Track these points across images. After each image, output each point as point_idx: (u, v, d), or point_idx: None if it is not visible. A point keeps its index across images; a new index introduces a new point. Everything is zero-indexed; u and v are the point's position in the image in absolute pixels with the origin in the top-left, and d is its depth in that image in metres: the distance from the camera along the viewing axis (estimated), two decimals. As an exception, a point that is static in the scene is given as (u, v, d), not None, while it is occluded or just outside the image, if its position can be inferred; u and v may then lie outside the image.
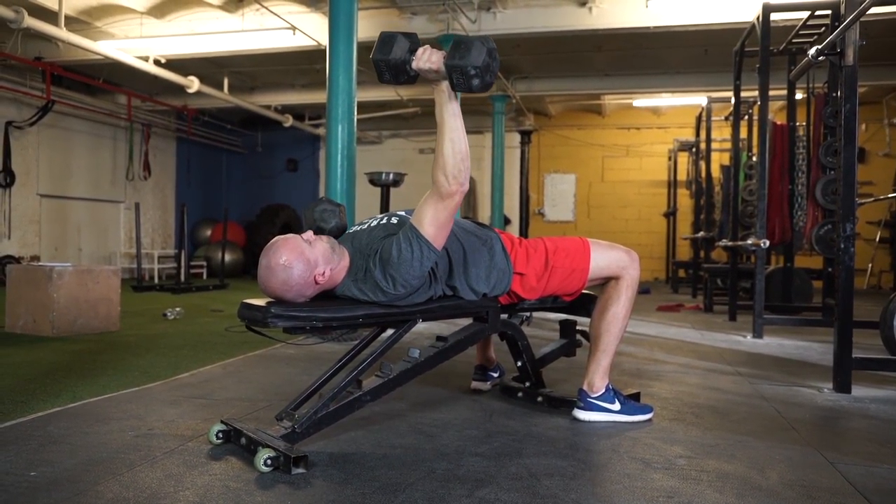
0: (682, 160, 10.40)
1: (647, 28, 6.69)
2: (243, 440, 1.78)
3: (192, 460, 1.73)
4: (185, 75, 8.50)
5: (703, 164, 8.17)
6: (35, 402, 2.31)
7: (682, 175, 10.40)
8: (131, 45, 7.61)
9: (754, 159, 6.37)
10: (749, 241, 4.32)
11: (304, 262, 1.79)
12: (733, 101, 5.32)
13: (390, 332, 2.03)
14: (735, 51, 5.14)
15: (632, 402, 2.22)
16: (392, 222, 1.98)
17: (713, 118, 7.93)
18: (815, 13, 4.43)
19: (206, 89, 8.96)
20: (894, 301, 3.35)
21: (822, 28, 4.61)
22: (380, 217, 2.06)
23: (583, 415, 2.16)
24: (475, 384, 2.58)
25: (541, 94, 10.07)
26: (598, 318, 2.18)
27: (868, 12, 2.45)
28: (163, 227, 11.38)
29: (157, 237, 11.18)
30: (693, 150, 9.22)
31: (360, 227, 2.03)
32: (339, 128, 4.22)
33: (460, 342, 2.05)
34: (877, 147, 10.45)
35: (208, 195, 12.49)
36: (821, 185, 4.61)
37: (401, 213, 2.06)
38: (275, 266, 1.78)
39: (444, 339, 2.03)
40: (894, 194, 9.05)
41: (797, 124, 5.54)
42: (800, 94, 5.74)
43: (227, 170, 13.15)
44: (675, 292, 8.53)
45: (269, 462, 1.63)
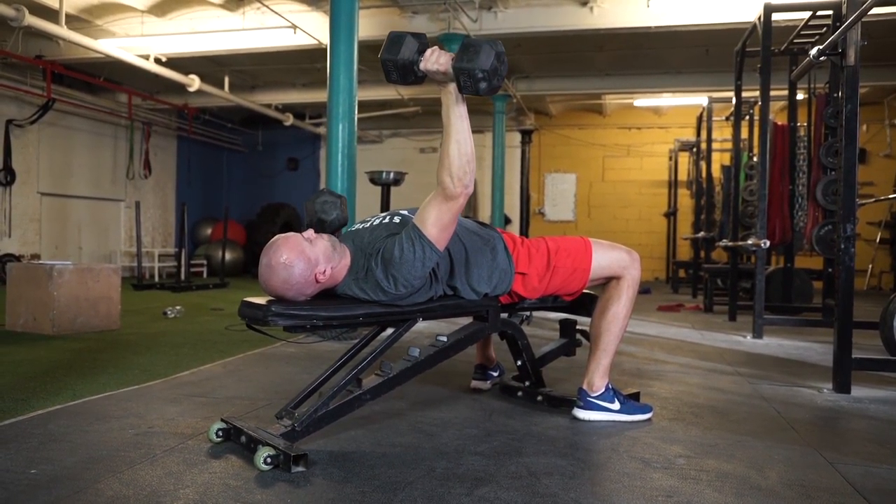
0: (683, 160, 10.40)
1: (649, 28, 6.69)
2: (243, 438, 1.79)
3: (192, 458, 1.73)
4: (186, 74, 8.50)
5: (703, 164, 8.16)
6: (35, 401, 2.31)
7: (682, 175, 10.41)
8: (132, 43, 7.61)
9: (755, 159, 6.37)
10: (749, 242, 4.32)
11: (304, 260, 1.79)
12: (734, 101, 5.32)
13: (390, 331, 2.03)
14: (736, 51, 5.14)
15: (631, 401, 2.23)
16: (395, 222, 1.98)
17: (714, 118, 7.92)
18: (817, 13, 4.43)
19: (207, 88, 8.96)
20: (894, 302, 3.35)
21: (824, 28, 4.61)
22: (382, 216, 2.05)
23: (582, 414, 2.16)
24: (475, 383, 2.58)
25: (542, 94, 10.07)
26: (599, 318, 2.18)
27: (870, 13, 2.45)
28: (163, 225, 11.39)
29: (157, 236, 11.19)
30: (694, 150, 9.21)
31: (362, 226, 2.03)
32: (340, 127, 4.22)
33: (460, 341, 2.05)
34: (878, 148, 10.44)
35: (209, 194, 12.49)
36: (821, 186, 4.61)
37: (403, 212, 2.05)
38: (275, 265, 1.78)
39: (445, 339, 2.04)
40: (895, 195, 9.04)
41: (798, 125, 5.54)
42: (801, 95, 5.74)
43: (227, 168, 13.15)
44: (675, 292, 8.53)
45: (268, 460, 1.63)
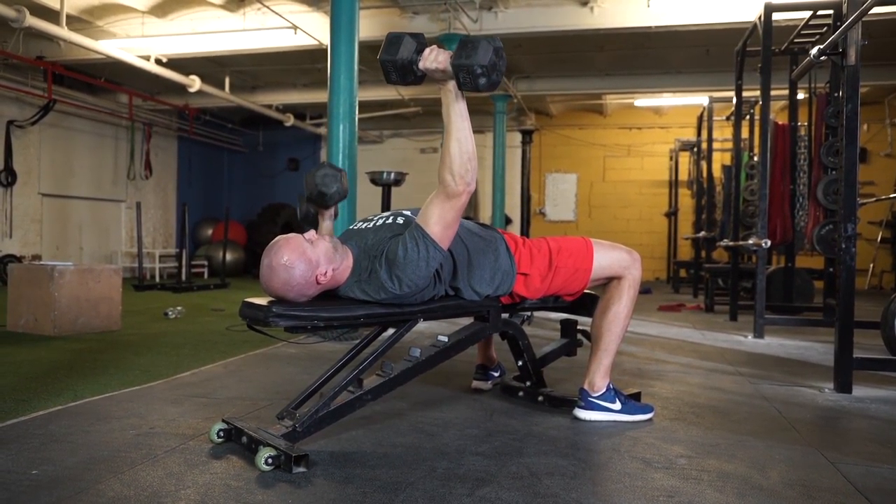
0: (684, 160, 10.40)
1: (649, 28, 6.69)
2: (244, 439, 1.79)
3: (193, 459, 1.73)
4: (187, 74, 8.50)
5: (704, 163, 8.16)
6: (36, 401, 2.31)
7: (683, 175, 10.40)
8: (133, 44, 7.61)
9: (756, 159, 6.37)
10: (750, 241, 4.32)
11: (305, 261, 1.79)
12: (735, 100, 5.32)
13: (391, 331, 2.03)
14: (737, 51, 5.14)
15: (632, 401, 2.22)
16: (398, 222, 1.97)
17: (715, 118, 7.92)
18: (817, 13, 4.43)
19: (208, 88, 8.96)
20: (895, 301, 3.35)
21: (824, 28, 4.61)
22: (385, 216, 2.05)
23: (584, 414, 2.16)
24: (476, 383, 2.58)
25: (542, 94, 10.07)
26: (600, 318, 2.18)
27: (870, 12, 2.45)
28: (164, 226, 11.39)
29: (158, 236, 11.19)
30: (694, 149, 9.21)
31: (365, 226, 2.02)
32: (341, 127, 4.22)
33: (461, 342, 2.05)
34: (878, 147, 10.44)
35: (209, 194, 12.50)
36: (822, 185, 4.61)
37: (406, 212, 2.04)
38: (276, 266, 1.78)
39: (445, 339, 2.03)
40: (895, 195, 9.05)
41: (799, 124, 5.54)
42: (801, 94, 5.74)
43: (228, 169, 13.15)
44: (676, 292, 8.53)
45: (270, 461, 1.63)
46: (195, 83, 8.63)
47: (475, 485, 1.57)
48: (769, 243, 4.22)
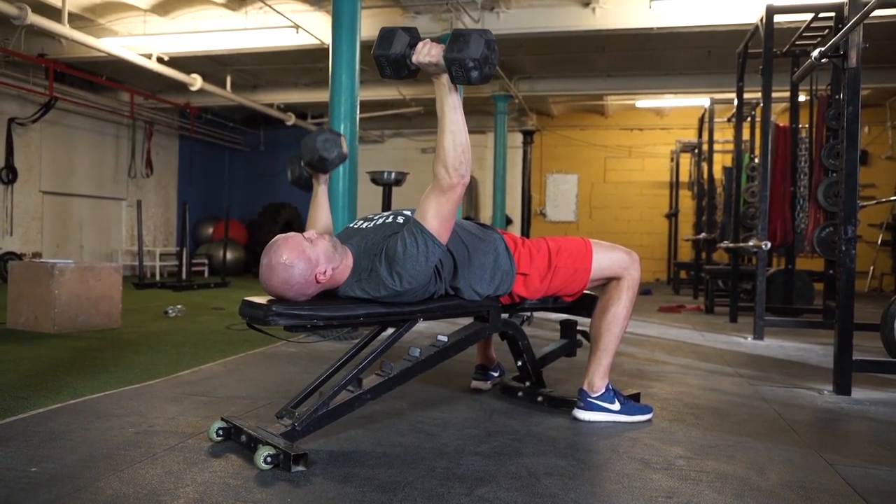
0: (685, 161, 10.40)
1: (651, 29, 6.68)
2: (243, 438, 1.79)
3: (193, 457, 1.73)
4: (188, 73, 8.51)
5: (705, 165, 8.16)
6: (36, 399, 2.32)
7: (684, 176, 10.40)
8: (134, 42, 7.62)
9: (756, 161, 6.36)
10: (751, 243, 4.32)
11: (305, 260, 1.79)
12: (736, 102, 5.32)
13: (391, 331, 2.04)
14: (738, 52, 5.14)
15: (632, 402, 2.23)
16: (398, 221, 1.97)
17: (716, 120, 7.92)
18: (819, 15, 4.43)
19: (209, 87, 8.97)
20: (895, 303, 3.35)
21: (826, 30, 4.61)
22: (385, 215, 2.05)
23: (583, 414, 2.16)
24: (475, 383, 2.58)
25: (543, 95, 10.07)
26: (599, 318, 2.18)
27: (872, 15, 2.45)
28: (165, 224, 11.40)
29: (158, 235, 11.20)
30: (695, 151, 9.21)
31: (366, 225, 2.01)
32: (342, 127, 4.23)
33: (461, 341, 2.05)
34: (879, 150, 10.44)
35: (210, 193, 12.50)
36: (823, 188, 4.61)
37: (406, 212, 2.04)
38: (276, 265, 1.78)
39: (445, 339, 2.04)
40: (896, 197, 9.03)
41: (800, 126, 5.54)
42: (802, 97, 5.74)
43: (229, 168, 13.16)
44: (676, 293, 8.53)
45: (269, 460, 1.63)
46: (197, 82, 8.63)
47: (474, 484, 1.57)
48: (769, 245, 4.22)
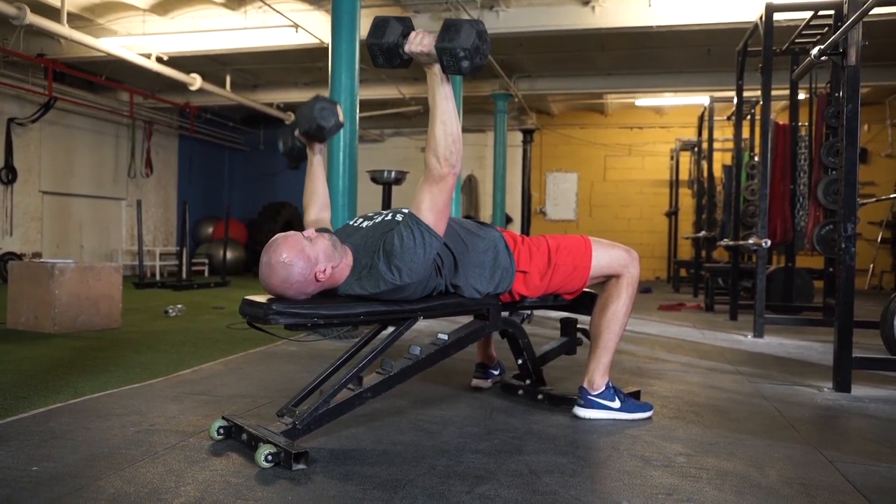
0: (685, 160, 10.40)
1: (650, 27, 6.69)
2: (244, 436, 1.79)
3: (193, 456, 1.73)
4: (188, 73, 8.51)
5: (705, 163, 8.16)
6: (37, 398, 2.32)
7: (684, 174, 10.40)
8: (134, 42, 7.61)
9: (756, 159, 6.37)
10: (750, 241, 4.32)
11: (304, 259, 1.79)
12: (736, 100, 5.32)
13: (391, 329, 2.04)
14: (738, 50, 5.13)
15: (632, 399, 2.23)
16: (397, 219, 1.97)
17: (715, 118, 7.92)
18: (818, 13, 4.42)
19: (209, 87, 8.97)
20: (895, 301, 3.35)
21: (825, 28, 4.61)
22: (384, 213, 2.05)
23: (583, 412, 2.16)
24: (476, 382, 2.58)
25: (543, 93, 10.07)
26: (599, 316, 2.19)
27: (871, 12, 2.45)
28: (164, 224, 11.40)
29: (158, 234, 11.20)
30: (695, 149, 9.21)
31: (366, 224, 2.01)
32: (341, 125, 4.22)
33: (461, 340, 2.05)
34: (879, 148, 10.44)
35: (210, 193, 12.50)
36: (822, 186, 4.61)
37: (405, 210, 2.04)
38: (275, 263, 1.78)
39: (445, 337, 2.04)
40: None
41: (799, 124, 5.54)
42: (802, 95, 5.74)
43: (229, 167, 13.15)
44: (676, 291, 8.53)
45: (269, 458, 1.63)
46: (196, 81, 8.63)
47: (474, 482, 1.58)
48: (769, 243, 4.22)
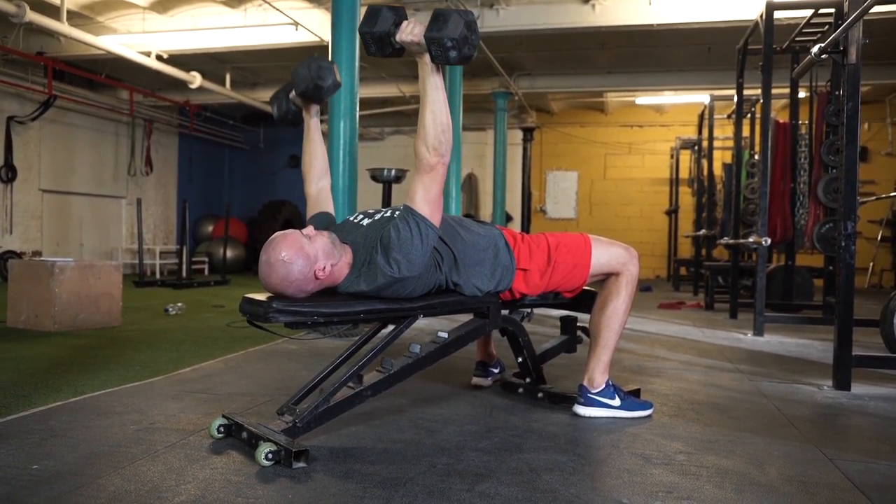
0: (685, 158, 10.40)
1: (651, 26, 6.68)
2: (244, 434, 1.79)
3: (194, 454, 1.73)
4: (188, 71, 8.51)
5: (705, 162, 8.16)
6: (37, 397, 2.32)
7: (684, 173, 10.40)
8: (133, 40, 7.61)
9: (756, 157, 6.36)
10: (751, 239, 4.32)
11: (303, 257, 1.79)
12: (736, 99, 5.32)
13: (391, 327, 2.04)
14: (738, 49, 5.13)
15: (632, 397, 2.23)
16: (395, 216, 1.98)
17: (716, 116, 7.92)
18: (819, 11, 4.42)
19: (209, 85, 8.96)
20: (894, 299, 3.35)
21: (826, 26, 4.60)
22: (383, 210, 2.05)
23: (583, 410, 2.17)
24: (476, 380, 2.58)
25: (543, 92, 10.06)
26: (598, 314, 2.19)
27: (871, 11, 2.44)
28: (164, 222, 11.40)
29: (158, 233, 11.20)
30: (695, 148, 9.21)
31: (366, 221, 2.01)
32: (342, 124, 4.22)
33: (461, 338, 2.05)
34: (879, 146, 10.44)
35: (210, 191, 12.50)
36: (823, 184, 4.61)
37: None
38: (275, 262, 1.78)
39: (445, 335, 2.04)
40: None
41: (799, 123, 5.54)
42: (802, 93, 5.73)
43: (229, 166, 13.15)
44: (676, 290, 8.53)
45: (270, 456, 1.64)
46: (196, 79, 8.63)
47: (475, 480, 1.58)
48: (769, 241, 4.22)
